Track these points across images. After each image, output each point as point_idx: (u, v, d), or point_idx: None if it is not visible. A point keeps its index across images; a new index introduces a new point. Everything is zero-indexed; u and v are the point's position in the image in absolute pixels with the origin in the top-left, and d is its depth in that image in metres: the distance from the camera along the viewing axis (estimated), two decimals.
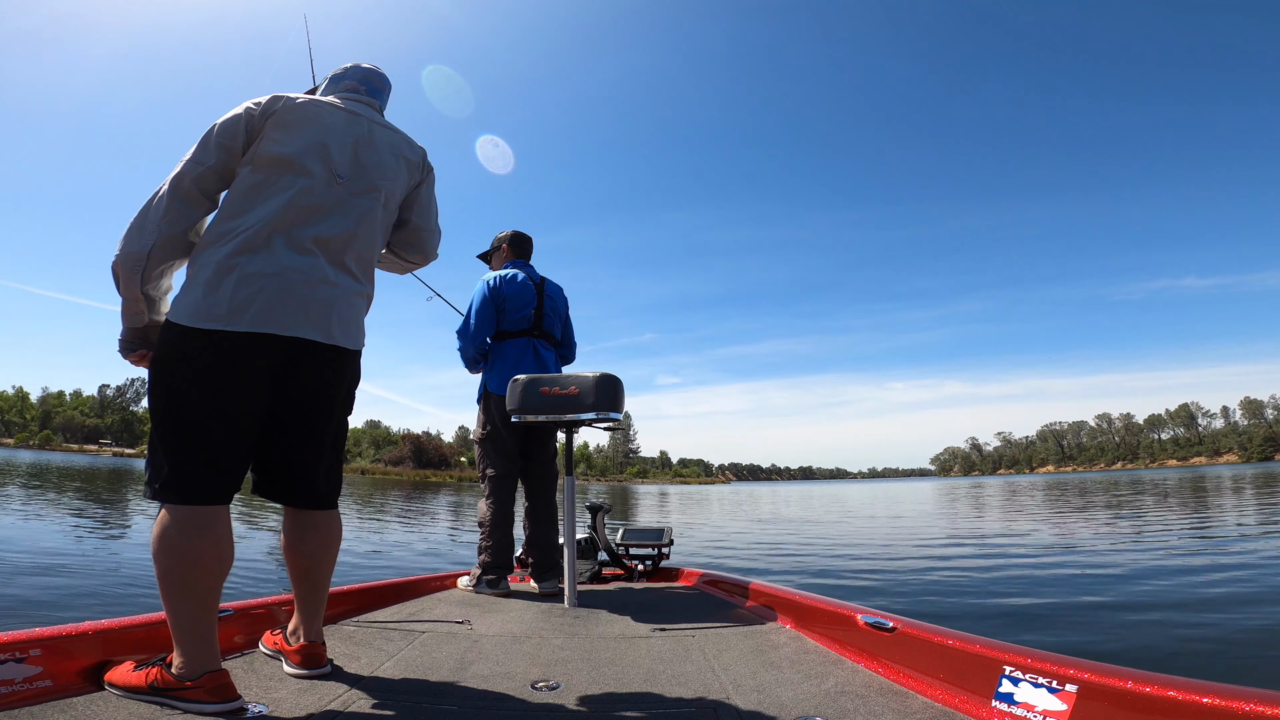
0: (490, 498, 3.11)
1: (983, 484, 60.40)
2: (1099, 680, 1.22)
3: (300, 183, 1.60)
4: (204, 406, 1.46)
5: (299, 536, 1.71)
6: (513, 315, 3.21)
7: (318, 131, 1.67)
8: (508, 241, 3.44)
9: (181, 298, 1.51)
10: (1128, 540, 8.69)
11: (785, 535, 11.28)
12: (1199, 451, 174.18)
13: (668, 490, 60.83)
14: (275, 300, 1.51)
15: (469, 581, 3.08)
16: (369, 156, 1.75)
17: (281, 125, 1.62)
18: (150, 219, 1.51)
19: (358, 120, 1.77)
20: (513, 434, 3.17)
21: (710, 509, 21.38)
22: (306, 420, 1.66)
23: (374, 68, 1.94)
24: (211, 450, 1.46)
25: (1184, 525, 10.45)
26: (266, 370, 1.53)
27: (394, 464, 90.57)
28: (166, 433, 1.46)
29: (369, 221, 1.72)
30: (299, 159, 1.62)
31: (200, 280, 1.49)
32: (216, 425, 1.46)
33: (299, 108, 1.67)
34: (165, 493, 1.43)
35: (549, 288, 3.36)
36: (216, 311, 1.46)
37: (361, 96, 1.86)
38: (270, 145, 1.60)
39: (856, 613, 1.91)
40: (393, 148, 1.82)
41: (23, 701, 1.35)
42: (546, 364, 3.24)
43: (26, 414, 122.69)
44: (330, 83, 1.90)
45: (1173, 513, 13.04)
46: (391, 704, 1.47)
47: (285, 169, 1.60)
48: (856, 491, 47.19)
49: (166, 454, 1.45)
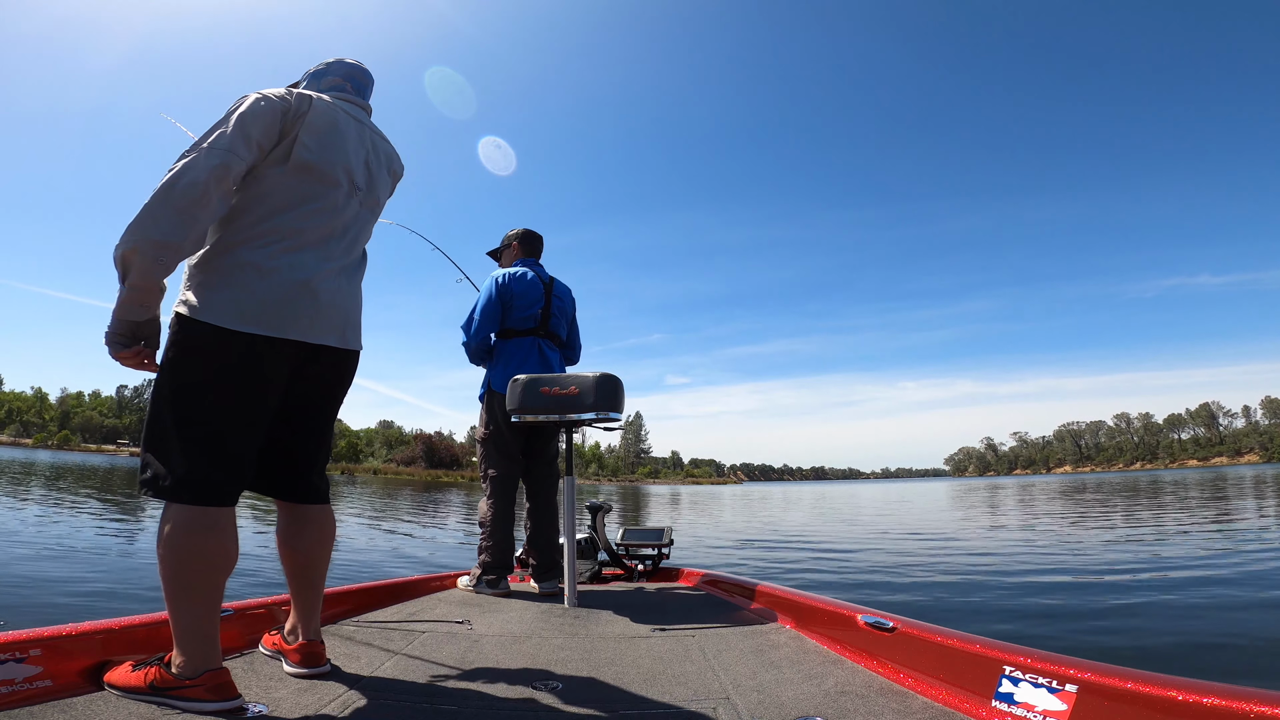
0: (491, 497, 3.10)
1: (999, 484, 59.72)
2: (1099, 680, 1.21)
3: (331, 194, 1.64)
4: (224, 408, 1.46)
5: (295, 532, 1.72)
6: (519, 313, 3.20)
7: (341, 141, 1.68)
8: (518, 239, 3.42)
9: (210, 296, 1.47)
10: (1164, 541, 8.55)
11: (798, 536, 11.22)
12: (1220, 452, 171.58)
13: (679, 490, 60.71)
14: (305, 307, 1.55)
15: (469, 581, 3.07)
16: (376, 169, 1.80)
17: (311, 130, 1.62)
18: (182, 206, 1.36)
19: (364, 130, 1.79)
20: (516, 433, 3.15)
21: (722, 509, 21.30)
22: (312, 418, 1.71)
23: (357, 63, 1.90)
24: (227, 452, 1.46)
25: (1211, 527, 10.26)
26: (285, 374, 1.56)
27: (406, 464, 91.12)
28: (181, 432, 1.44)
29: (369, 232, 1.81)
30: (330, 170, 1.64)
31: (232, 280, 1.48)
32: (234, 428, 1.47)
33: (325, 112, 1.67)
34: (176, 493, 1.42)
35: (558, 288, 3.35)
36: (250, 314, 1.47)
37: (349, 95, 1.83)
38: (303, 151, 1.60)
39: (856, 613, 1.90)
40: (388, 160, 1.87)
41: (23, 701, 1.35)
42: (551, 364, 3.22)
43: (45, 415, 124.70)
44: (312, 79, 1.85)
45: (1200, 514, 12.77)
46: (391, 704, 1.47)
47: (319, 179, 1.62)
48: (870, 492, 46.83)
49: (180, 454, 1.43)
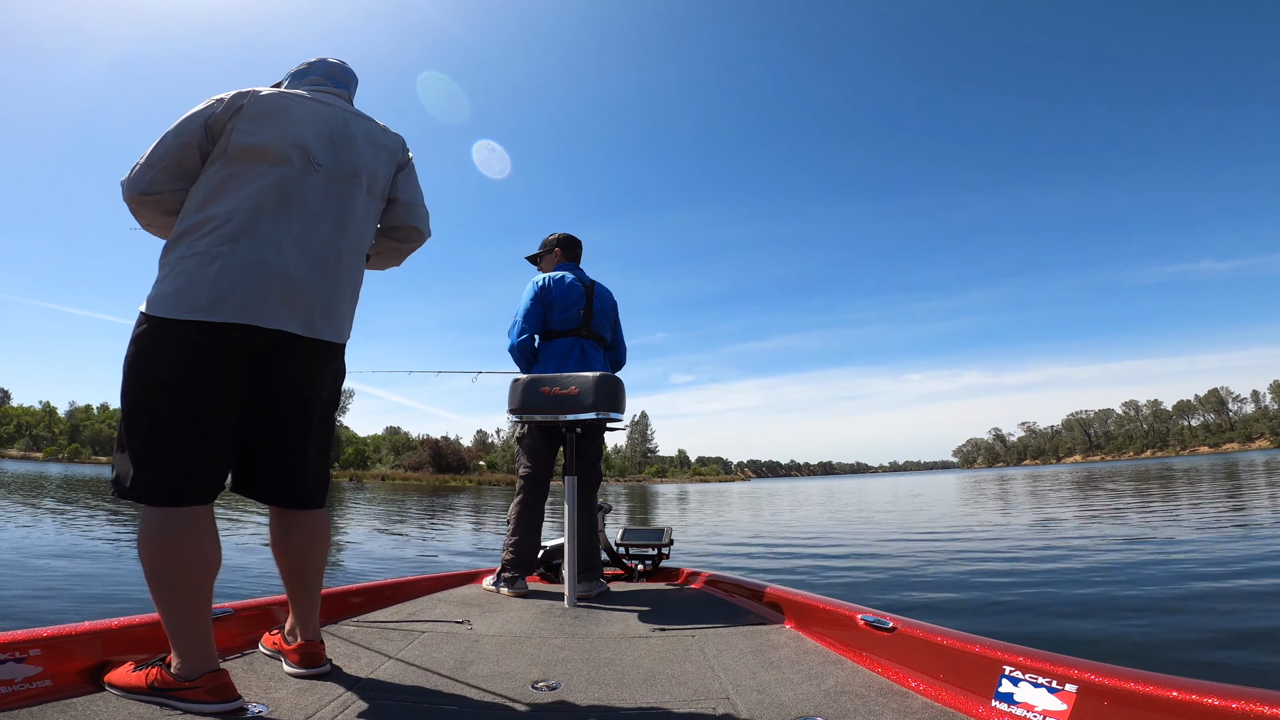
0: (519, 495, 3.10)
1: (1009, 475, 59.40)
2: (1099, 680, 1.20)
3: (276, 171, 1.55)
4: (179, 402, 1.41)
5: (285, 536, 1.69)
6: (560, 314, 3.20)
7: (289, 121, 1.62)
8: (559, 244, 3.45)
9: (157, 289, 1.46)
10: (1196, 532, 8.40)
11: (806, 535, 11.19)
12: (1230, 438, 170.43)
13: (687, 489, 60.75)
14: (257, 291, 1.46)
15: (492, 580, 3.06)
16: (346, 144, 1.70)
17: (251, 117, 1.57)
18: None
19: (330, 109, 1.72)
20: (549, 436, 3.13)
21: (729, 507, 21.28)
22: (289, 417, 1.61)
23: (339, 62, 1.88)
24: (186, 449, 1.41)
25: (1231, 517, 10.08)
26: (245, 364, 1.49)
27: (413, 469, 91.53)
28: (139, 431, 1.41)
29: (352, 209, 1.68)
30: (273, 147, 1.56)
31: (177, 271, 1.45)
32: (191, 423, 1.42)
33: (268, 99, 1.62)
34: (139, 494, 1.39)
35: (599, 290, 3.36)
36: (196, 302, 1.42)
37: (328, 88, 1.81)
38: (240, 137, 1.55)
39: (856, 612, 1.89)
40: (369, 136, 1.77)
41: (23, 701, 1.35)
42: (592, 363, 3.21)
43: (55, 428, 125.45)
44: (294, 78, 1.84)
45: (1222, 504, 12.49)
46: (391, 704, 1.47)
47: (259, 158, 1.55)
48: (878, 486, 46.67)
49: (140, 453, 1.40)
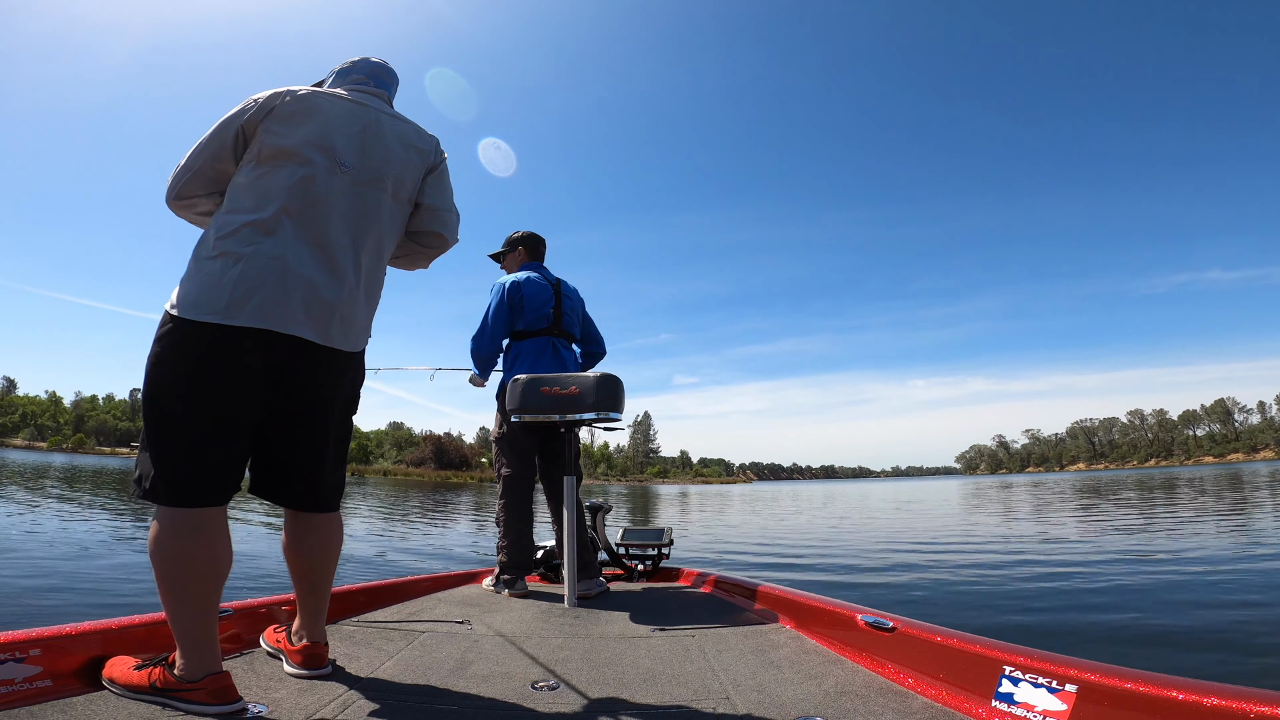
0: (504, 497, 3.09)
1: (1011, 482, 59.08)
2: (1099, 680, 1.21)
3: (301, 172, 1.56)
4: (196, 403, 1.42)
5: (298, 539, 1.69)
6: (531, 315, 3.20)
7: (320, 122, 1.62)
8: (523, 243, 3.43)
9: (182, 288, 1.48)
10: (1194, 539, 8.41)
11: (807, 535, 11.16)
12: (1235, 448, 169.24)
13: (688, 490, 60.65)
14: (277, 295, 1.47)
15: (490, 581, 3.08)
16: (375, 146, 1.69)
17: (282, 118, 1.59)
18: None
19: (364, 110, 1.72)
20: (531, 434, 3.13)
21: (730, 509, 21.24)
22: (305, 422, 1.61)
23: (382, 61, 1.90)
24: (202, 450, 1.42)
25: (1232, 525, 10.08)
26: (263, 368, 1.49)
27: (416, 465, 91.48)
28: (157, 431, 1.42)
29: (376, 213, 1.67)
30: (300, 149, 1.57)
31: (201, 272, 1.47)
32: (208, 424, 1.43)
33: (301, 99, 1.63)
34: (155, 494, 1.40)
35: (565, 288, 3.36)
36: (216, 304, 1.43)
37: (369, 88, 1.82)
38: (270, 138, 1.56)
39: (856, 613, 1.89)
40: (401, 137, 1.76)
41: (23, 701, 1.35)
42: (566, 362, 3.21)
43: (60, 418, 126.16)
44: (337, 76, 1.86)
45: (1230, 515, 12.46)
46: (391, 704, 1.47)
47: (287, 159, 1.56)
48: (880, 490, 46.51)
49: (157, 453, 1.41)
